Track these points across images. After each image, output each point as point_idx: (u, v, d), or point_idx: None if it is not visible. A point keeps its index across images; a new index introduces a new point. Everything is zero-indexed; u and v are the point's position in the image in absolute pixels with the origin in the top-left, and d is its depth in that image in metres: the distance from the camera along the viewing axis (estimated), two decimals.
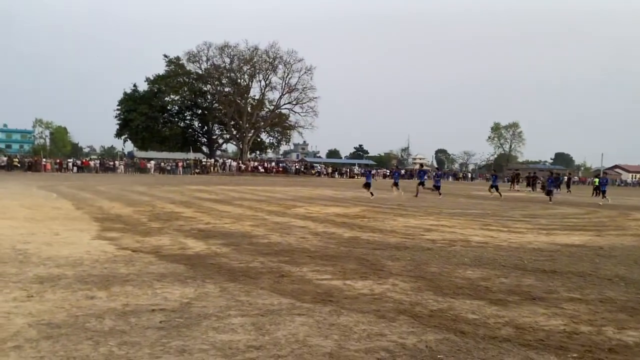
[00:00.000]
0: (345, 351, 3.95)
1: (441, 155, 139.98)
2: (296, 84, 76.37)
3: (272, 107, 78.40)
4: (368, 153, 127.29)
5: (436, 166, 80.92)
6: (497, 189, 29.09)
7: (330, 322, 4.63)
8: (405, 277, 6.66)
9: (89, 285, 5.66)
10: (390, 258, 8.02)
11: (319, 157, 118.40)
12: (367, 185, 25.25)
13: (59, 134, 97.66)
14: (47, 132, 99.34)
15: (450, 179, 77.64)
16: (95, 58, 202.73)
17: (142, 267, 6.77)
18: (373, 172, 29.74)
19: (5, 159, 56.63)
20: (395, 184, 27.73)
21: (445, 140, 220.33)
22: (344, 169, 78.01)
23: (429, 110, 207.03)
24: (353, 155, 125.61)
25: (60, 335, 4.05)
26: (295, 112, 78.38)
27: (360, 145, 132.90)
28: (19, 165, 54.39)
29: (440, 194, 26.61)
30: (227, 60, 74.89)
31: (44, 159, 57.97)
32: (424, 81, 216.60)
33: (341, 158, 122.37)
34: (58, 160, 59.30)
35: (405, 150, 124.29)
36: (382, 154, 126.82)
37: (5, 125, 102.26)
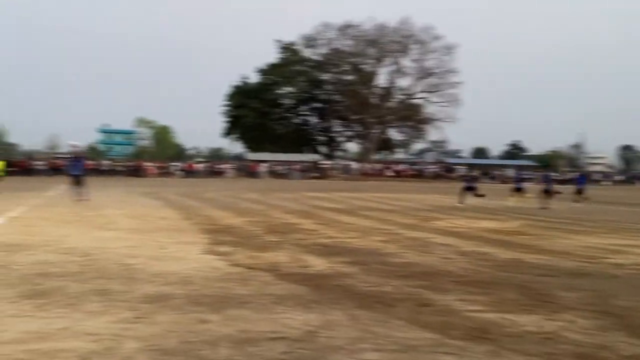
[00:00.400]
0: None
1: (628, 152, 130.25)
2: (433, 67, 75.48)
3: (403, 97, 78.11)
4: (526, 151, 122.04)
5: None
6: (580, 193, 26.75)
7: None
8: (585, 311, 6.25)
9: (202, 307, 6.00)
10: (563, 287, 7.58)
11: (462, 156, 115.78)
12: (518, 190, 24.89)
13: (163, 134, 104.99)
14: (149, 133, 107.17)
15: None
16: (200, 47, 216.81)
17: (258, 288, 7.05)
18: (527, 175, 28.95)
19: (107, 163, 62.34)
20: (518, 190, 26.42)
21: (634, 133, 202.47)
22: (494, 171, 75.54)
23: (611, 94, 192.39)
24: (506, 155, 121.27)
25: None
26: (432, 102, 77.49)
27: (516, 142, 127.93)
28: (121, 169, 59.60)
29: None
30: (349, 43, 76.00)
31: (147, 163, 63.01)
32: (602, 51, 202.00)
33: (490, 158, 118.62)
34: (162, 164, 63.99)
35: (577, 147, 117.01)
36: (547, 153, 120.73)
37: (106, 126, 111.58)
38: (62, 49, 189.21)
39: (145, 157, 78.80)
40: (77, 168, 22.25)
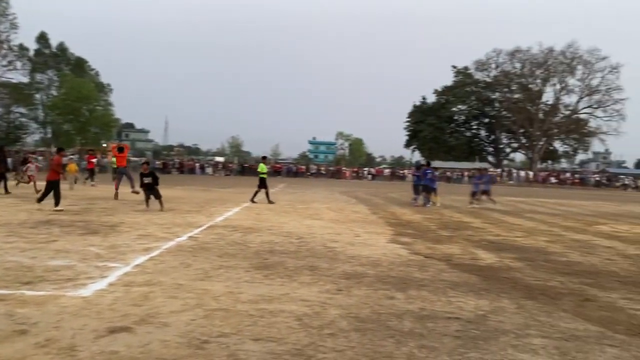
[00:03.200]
0: None
1: None
2: (598, 85, 68.53)
3: (568, 112, 71.86)
4: None
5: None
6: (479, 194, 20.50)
7: None
8: None
9: (389, 286, 6.09)
10: None
11: (625, 167, 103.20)
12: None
13: (356, 145, 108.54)
14: (346, 144, 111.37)
15: None
16: (389, 73, 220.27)
17: (435, 274, 6.96)
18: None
19: (314, 167, 65.71)
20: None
21: None
22: None
23: None
24: None
25: (367, 329, 4.46)
26: (597, 117, 70.39)
27: None
28: (324, 172, 62.55)
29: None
30: (518, 65, 71.98)
31: (344, 168, 65.36)
32: None
33: None
34: (355, 169, 66.00)
35: None
36: None
37: (314, 138, 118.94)
38: (285, 80, 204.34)
39: (342, 163, 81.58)
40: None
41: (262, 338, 4.10)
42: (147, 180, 14.13)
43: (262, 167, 19.23)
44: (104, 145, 63.03)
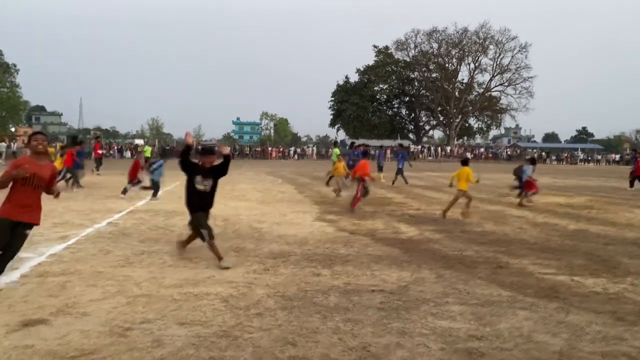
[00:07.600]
0: (578, 352, 3.62)
1: None
2: (509, 64, 72.09)
3: (482, 90, 75.19)
4: (593, 136, 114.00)
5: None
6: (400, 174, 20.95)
7: (558, 320, 4.29)
8: None
9: (315, 263, 6.16)
10: (627, 255, 7.07)
11: (534, 141, 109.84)
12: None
13: (282, 125, 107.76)
14: (271, 124, 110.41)
15: None
16: (312, 53, 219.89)
17: (360, 249, 7.11)
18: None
19: (239, 148, 64.86)
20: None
21: None
22: (563, 154, 71.25)
23: None
24: (575, 139, 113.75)
25: (294, 307, 4.48)
26: (508, 94, 74.18)
27: (583, 128, 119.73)
28: (249, 153, 61.92)
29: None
30: (435, 45, 74.09)
31: (270, 148, 65.00)
32: None
33: (560, 142, 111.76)
34: (281, 149, 65.84)
35: None
36: (611, 137, 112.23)
37: (238, 119, 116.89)
38: (208, 64, 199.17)
39: (268, 143, 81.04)
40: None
41: (187, 322, 4.02)
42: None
43: (336, 152, 18.95)
44: (12, 130, 58.74)
